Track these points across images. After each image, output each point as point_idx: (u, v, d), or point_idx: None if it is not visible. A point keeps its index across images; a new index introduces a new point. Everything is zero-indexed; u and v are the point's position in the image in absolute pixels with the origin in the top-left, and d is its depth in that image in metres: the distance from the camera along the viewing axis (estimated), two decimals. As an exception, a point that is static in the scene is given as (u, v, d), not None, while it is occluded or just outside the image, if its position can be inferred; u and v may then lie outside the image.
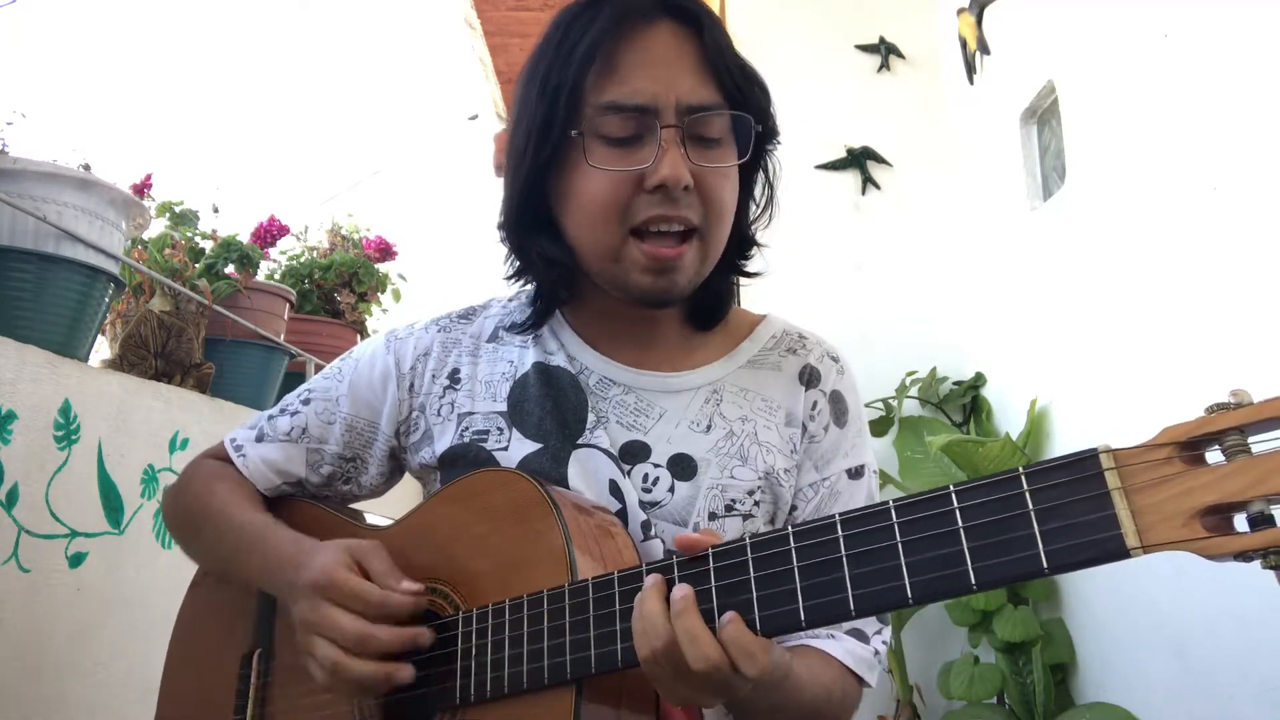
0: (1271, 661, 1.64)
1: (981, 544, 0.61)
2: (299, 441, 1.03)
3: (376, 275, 2.87)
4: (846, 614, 0.66)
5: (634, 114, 0.87)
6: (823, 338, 1.07)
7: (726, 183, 0.92)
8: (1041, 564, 0.59)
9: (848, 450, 1.01)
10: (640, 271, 0.89)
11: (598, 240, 0.91)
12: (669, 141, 0.86)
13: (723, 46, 0.91)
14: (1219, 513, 0.56)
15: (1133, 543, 0.56)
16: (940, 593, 0.63)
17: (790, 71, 3.21)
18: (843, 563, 0.66)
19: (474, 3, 3.91)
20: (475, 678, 0.81)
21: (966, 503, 0.63)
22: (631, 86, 0.87)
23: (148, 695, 1.58)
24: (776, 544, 0.69)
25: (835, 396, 1.02)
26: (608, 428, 0.96)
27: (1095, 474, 0.58)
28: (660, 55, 0.89)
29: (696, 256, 0.91)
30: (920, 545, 0.64)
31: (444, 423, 0.99)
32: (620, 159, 0.88)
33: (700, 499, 0.93)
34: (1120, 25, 2.11)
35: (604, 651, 0.74)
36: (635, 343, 1.00)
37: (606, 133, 0.88)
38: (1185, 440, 0.57)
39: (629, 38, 0.89)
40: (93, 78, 4.25)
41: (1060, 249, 2.45)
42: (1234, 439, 0.56)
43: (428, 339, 1.04)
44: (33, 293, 1.48)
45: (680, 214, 0.88)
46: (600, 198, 0.88)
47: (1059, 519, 0.59)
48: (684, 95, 0.88)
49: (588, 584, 0.76)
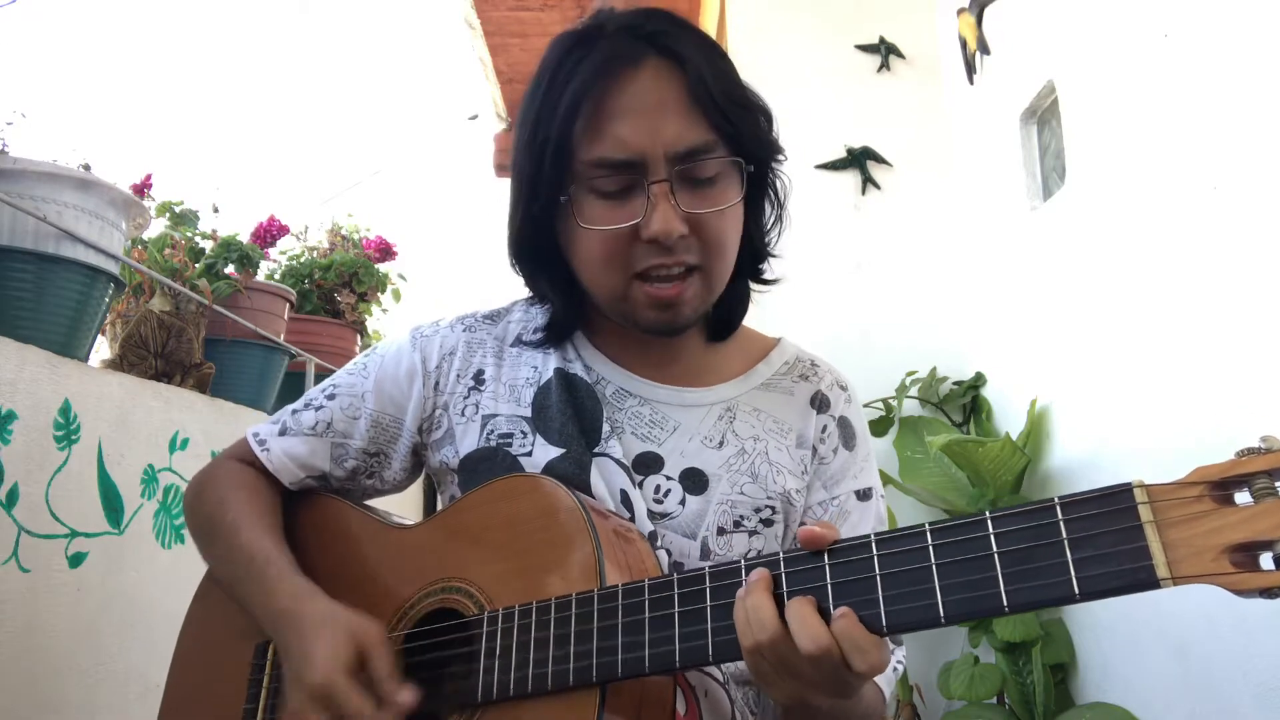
0: (1271, 661, 1.64)
1: (1015, 569, 0.64)
2: (324, 436, 1.03)
3: (376, 275, 2.87)
4: (879, 629, 0.68)
5: (622, 169, 0.87)
6: (833, 365, 1.09)
7: (725, 220, 0.91)
8: (1074, 590, 0.61)
9: (855, 473, 1.03)
10: (645, 308, 0.91)
11: (602, 285, 0.93)
12: (658, 195, 0.86)
13: (709, 81, 0.88)
14: (1246, 550, 0.59)
15: (1163, 574, 0.59)
16: (972, 612, 0.65)
17: (790, 71, 3.21)
18: (876, 582, 0.68)
19: (474, 3, 3.91)
20: (498, 677, 0.81)
21: (1002, 529, 0.65)
22: (617, 140, 0.86)
23: (148, 695, 1.58)
24: (810, 560, 0.71)
25: (844, 422, 1.04)
26: (622, 438, 0.97)
27: (1129, 507, 0.61)
28: (645, 101, 0.87)
29: (699, 291, 0.92)
30: (954, 568, 0.66)
31: (467, 423, 1.00)
32: (612, 215, 0.88)
33: (710, 514, 0.94)
34: (1120, 25, 2.11)
35: (631, 657, 0.75)
36: (653, 357, 1.01)
37: (597, 188, 0.88)
38: (1217, 480, 0.60)
39: (614, 86, 0.87)
40: (93, 78, 4.25)
41: (1060, 249, 2.45)
42: (1263, 482, 0.59)
43: (454, 338, 1.04)
44: (33, 293, 1.48)
45: (678, 260, 0.89)
46: (598, 252, 0.90)
47: (1092, 548, 0.62)
48: (671, 143, 0.87)
49: (618, 589, 0.77)
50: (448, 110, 5.37)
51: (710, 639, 0.73)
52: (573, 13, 3.95)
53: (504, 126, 4.89)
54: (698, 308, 0.93)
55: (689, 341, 1.03)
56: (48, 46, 3.61)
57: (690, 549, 0.93)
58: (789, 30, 3.27)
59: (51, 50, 3.68)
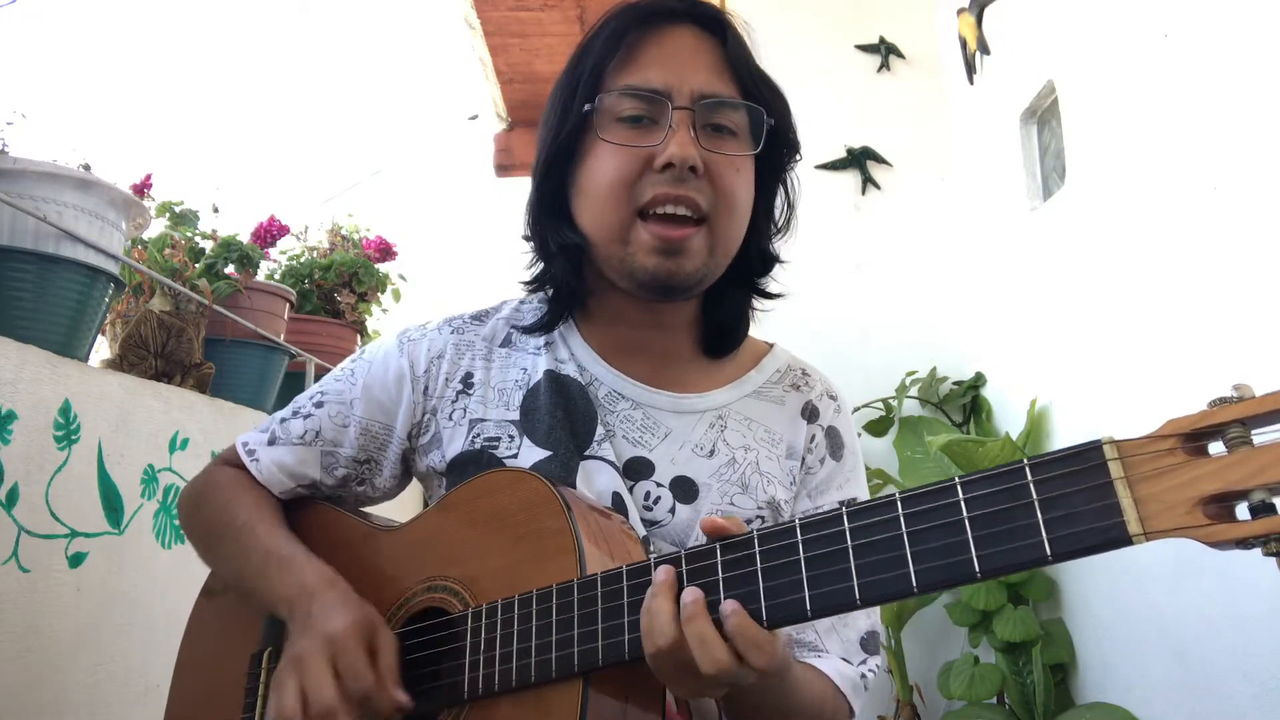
0: (1271, 661, 1.64)
1: (986, 533, 0.62)
2: (313, 445, 1.02)
3: (376, 275, 2.87)
4: (852, 603, 0.67)
5: (648, 97, 0.90)
6: (824, 375, 1.08)
7: (739, 175, 0.92)
8: (1045, 551, 0.60)
9: (841, 483, 1.02)
10: (647, 253, 0.90)
11: (607, 221, 0.92)
12: (679, 123, 0.89)
13: (744, 52, 0.94)
14: (1221, 501, 0.57)
15: (1135, 529, 0.58)
16: (944, 581, 0.64)
17: (790, 71, 3.18)
18: (849, 553, 0.67)
19: (474, 3, 3.91)
20: (483, 672, 0.81)
21: (971, 493, 0.64)
22: (647, 73, 0.91)
23: (148, 695, 1.58)
24: (783, 535, 0.70)
25: (831, 432, 1.03)
26: (614, 441, 0.96)
27: (1099, 464, 0.59)
28: (679, 50, 0.92)
29: (705, 244, 0.91)
30: (925, 535, 0.65)
31: (455, 427, 0.99)
32: (631, 137, 0.90)
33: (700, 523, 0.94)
34: (1120, 25, 2.11)
35: (611, 643, 0.75)
36: (647, 359, 1.00)
37: (620, 113, 0.91)
38: (1188, 432, 0.58)
39: (652, 33, 0.93)
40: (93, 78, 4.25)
41: (1060, 249, 2.45)
42: (1236, 431, 0.57)
43: (441, 341, 1.03)
44: (33, 293, 1.48)
45: (687, 194, 0.89)
46: (610, 174, 0.90)
47: (1062, 508, 0.60)
48: (699, 85, 0.90)
49: (596, 578, 0.77)
50: (448, 110, 5.36)
51: None
52: (573, 13, 3.95)
53: (504, 126, 4.89)
54: (699, 265, 0.91)
55: (683, 347, 1.02)
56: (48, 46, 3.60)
57: None
58: (789, 30, 3.27)
59: (51, 50, 3.68)
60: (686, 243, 0.89)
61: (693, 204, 0.89)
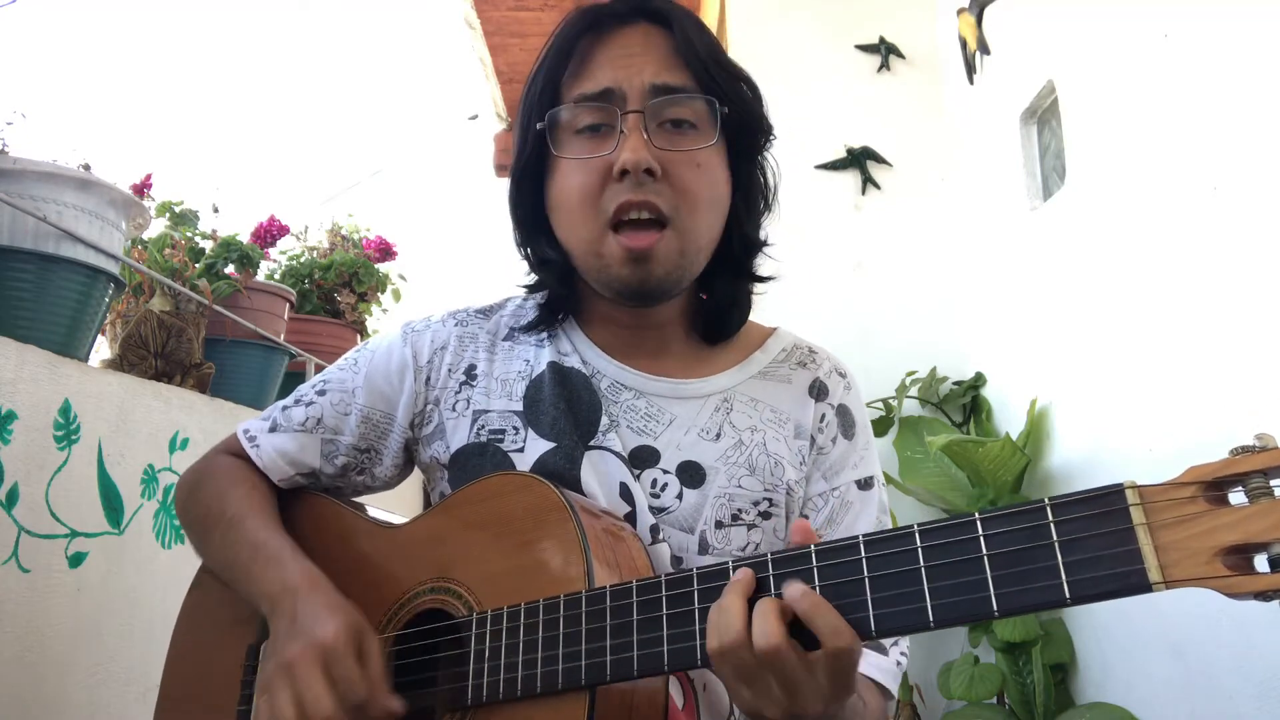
0: (1271, 661, 1.64)
1: (1005, 572, 0.62)
2: (314, 432, 1.02)
3: (376, 275, 2.87)
4: (867, 634, 0.67)
5: (598, 101, 0.90)
6: (831, 353, 1.07)
7: (700, 170, 0.92)
8: (1065, 594, 0.60)
9: (855, 462, 1.01)
10: (619, 264, 0.91)
11: (580, 236, 0.93)
12: (631, 127, 0.89)
13: (694, 38, 0.93)
14: (1240, 552, 0.57)
15: (1155, 577, 0.58)
16: (961, 617, 0.64)
17: (790, 71, 3.21)
18: (865, 584, 0.67)
19: (474, 3, 3.91)
20: (487, 679, 0.81)
21: (991, 530, 0.63)
22: (598, 76, 0.91)
23: (148, 695, 1.58)
24: (799, 561, 0.70)
25: (842, 410, 1.02)
26: (619, 431, 0.96)
27: (1120, 509, 0.59)
28: (628, 48, 0.92)
29: (673, 246, 0.91)
30: (943, 571, 0.64)
31: (458, 418, 0.99)
32: (590, 148, 0.91)
33: (707, 507, 0.94)
34: (1120, 25, 2.11)
35: (620, 659, 0.74)
36: (646, 354, 1.00)
37: (578, 125, 0.91)
38: (1210, 480, 0.58)
39: (602, 38, 0.93)
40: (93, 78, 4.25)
41: (1060, 249, 2.45)
42: (1258, 482, 0.57)
43: (445, 332, 1.04)
44: (33, 293, 1.48)
45: (647, 199, 0.88)
46: (574, 190, 0.91)
47: (1083, 551, 0.60)
48: (649, 78, 0.90)
49: (605, 591, 0.77)
50: (448, 110, 5.36)
51: (698, 641, 0.72)
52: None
53: (504, 126, 4.89)
54: (670, 269, 0.91)
55: (682, 333, 1.02)
56: (48, 46, 3.60)
57: (689, 543, 0.93)
58: (789, 30, 3.27)
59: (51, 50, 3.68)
60: (653, 250, 0.89)
61: (653, 208, 0.89)
